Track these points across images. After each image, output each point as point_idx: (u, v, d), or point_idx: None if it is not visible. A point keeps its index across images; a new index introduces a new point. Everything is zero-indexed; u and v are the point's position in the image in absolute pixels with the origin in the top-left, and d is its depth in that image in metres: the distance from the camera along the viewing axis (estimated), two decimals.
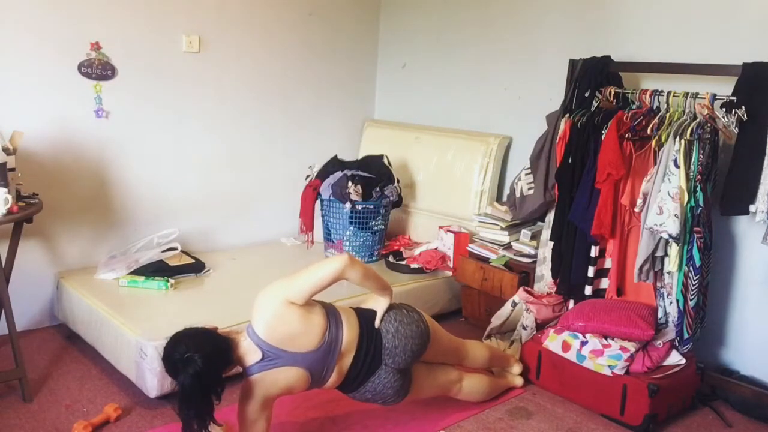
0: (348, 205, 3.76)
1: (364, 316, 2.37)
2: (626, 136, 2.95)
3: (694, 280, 2.72)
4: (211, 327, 2.24)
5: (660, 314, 2.91)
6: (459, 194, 3.96)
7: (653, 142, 2.86)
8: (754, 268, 2.96)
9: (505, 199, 3.80)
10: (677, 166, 2.70)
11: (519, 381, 2.96)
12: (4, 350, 3.02)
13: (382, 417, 2.67)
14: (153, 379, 2.61)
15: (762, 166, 2.68)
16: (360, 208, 3.79)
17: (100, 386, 2.82)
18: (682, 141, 2.71)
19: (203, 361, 2.03)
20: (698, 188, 2.72)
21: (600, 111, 3.10)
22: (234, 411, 2.29)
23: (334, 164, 3.95)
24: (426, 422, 2.65)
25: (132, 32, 3.47)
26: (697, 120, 2.74)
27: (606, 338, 2.78)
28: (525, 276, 3.40)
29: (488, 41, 3.98)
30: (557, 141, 3.21)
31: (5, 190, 2.58)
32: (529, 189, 3.36)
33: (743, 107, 2.67)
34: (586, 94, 3.18)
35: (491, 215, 3.62)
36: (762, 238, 2.70)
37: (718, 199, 2.85)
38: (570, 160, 3.13)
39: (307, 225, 3.86)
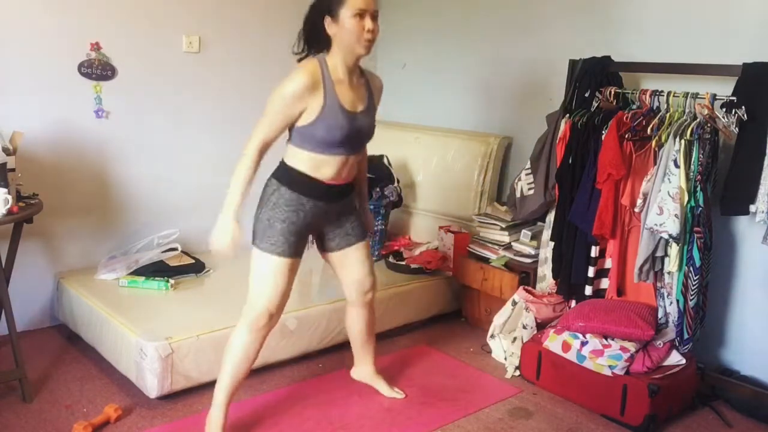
0: None
1: None
2: (626, 136, 2.95)
3: (694, 280, 2.72)
4: None
5: (660, 314, 2.90)
6: (459, 194, 3.96)
7: (653, 142, 2.85)
8: (754, 268, 2.96)
9: (505, 199, 3.80)
10: (677, 166, 2.70)
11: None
12: (4, 350, 3.02)
13: (379, 416, 2.67)
14: (153, 379, 2.61)
15: (762, 166, 2.68)
16: None
17: (100, 386, 2.82)
18: (682, 141, 2.71)
19: None
20: (698, 188, 2.72)
21: (600, 111, 3.10)
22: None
23: None
24: (425, 422, 2.65)
25: (132, 32, 3.47)
26: (697, 120, 2.74)
27: (606, 338, 2.78)
28: (525, 276, 3.40)
29: (488, 41, 3.98)
30: (557, 141, 3.21)
31: (5, 190, 2.57)
32: (530, 189, 3.36)
33: (743, 107, 2.67)
34: (587, 95, 3.18)
35: (491, 215, 3.63)
36: (762, 238, 2.70)
37: (718, 199, 2.85)
38: (570, 161, 3.13)
39: None
